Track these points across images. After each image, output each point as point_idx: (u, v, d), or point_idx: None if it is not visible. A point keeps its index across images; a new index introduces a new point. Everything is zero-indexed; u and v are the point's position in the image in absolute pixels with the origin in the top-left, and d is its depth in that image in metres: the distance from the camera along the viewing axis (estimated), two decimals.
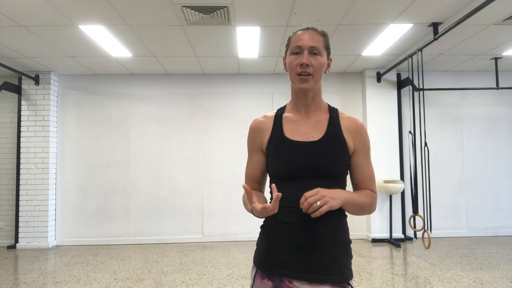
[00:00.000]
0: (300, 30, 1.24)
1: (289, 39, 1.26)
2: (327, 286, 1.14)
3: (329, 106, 1.31)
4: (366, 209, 1.22)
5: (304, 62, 1.17)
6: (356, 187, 1.27)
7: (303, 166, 1.18)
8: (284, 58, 1.28)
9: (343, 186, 1.24)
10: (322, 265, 1.15)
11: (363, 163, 1.24)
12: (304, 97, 1.25)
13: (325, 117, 1.26)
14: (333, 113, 1.28)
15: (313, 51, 1.19)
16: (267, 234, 1.25)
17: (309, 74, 1.19)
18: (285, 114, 1.30)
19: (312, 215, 1.04)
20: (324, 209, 1.03)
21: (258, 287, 1.22)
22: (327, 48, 1.24)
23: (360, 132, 1.25)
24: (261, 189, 1.37)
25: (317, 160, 1.18)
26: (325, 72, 1.24)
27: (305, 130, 1.24)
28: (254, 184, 1.35)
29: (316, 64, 1.19)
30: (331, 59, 1.27)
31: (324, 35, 1.23)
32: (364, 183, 1.25)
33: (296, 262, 1.16)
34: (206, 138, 5.83)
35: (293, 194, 1.16)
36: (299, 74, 1.19)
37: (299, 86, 1.21)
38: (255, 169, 1.33)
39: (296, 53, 1.20)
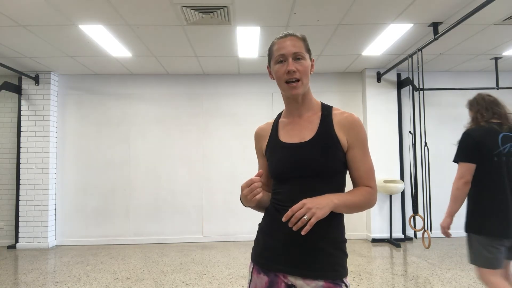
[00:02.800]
0: (279, 38, 1.27)
1: (270, 49, 1.30)
2: (320, 282, 1.17)
3: (322, 104, 1.33)
4: (364, 206, 1.23)
5: (291, 69, 1.21)
6: (354, 183, 1.27)
7: (293, 167, 1.22)
8: (268, 67, 1.32)
9: (338, 184, 1.24)
10: (316, 262, 1.17)
11: (360, 158, 1.24)
12: (295, 101, 1.30)
13: (317, 116, 1.29)
14: (325, 111, 1.30)
15: (296, 57, 1.23)
16: (264, 231, 1.30)
17: (297, 80, 1.23)
18: (281, 119, 1.37)
19: (302, 232, 1.08)
20: (312, 221, 1.07)
21: (255, 281, 1.26)
22: (308, 51, 1.28)
23: (354, 126, 1.24)
24: (268, 190, 1.41)
25: (305, 160, 1.21)
26: (310, 73, 1.28)
27: (298, 132, 1.28)
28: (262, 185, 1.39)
29: (302, 69, 1.23)
30: (313, 60, 1.31)
31: (303, 39, 1.27)
32: (362, 178, 1.24)
33: (291, 258, 1.19)
34: (206, 138, 5.83)
35: (287, 194, 1.22)
36: (288, 82, 1.23)
37: (290, 93, 1.25)
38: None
39: (281, 62, 1.24)
